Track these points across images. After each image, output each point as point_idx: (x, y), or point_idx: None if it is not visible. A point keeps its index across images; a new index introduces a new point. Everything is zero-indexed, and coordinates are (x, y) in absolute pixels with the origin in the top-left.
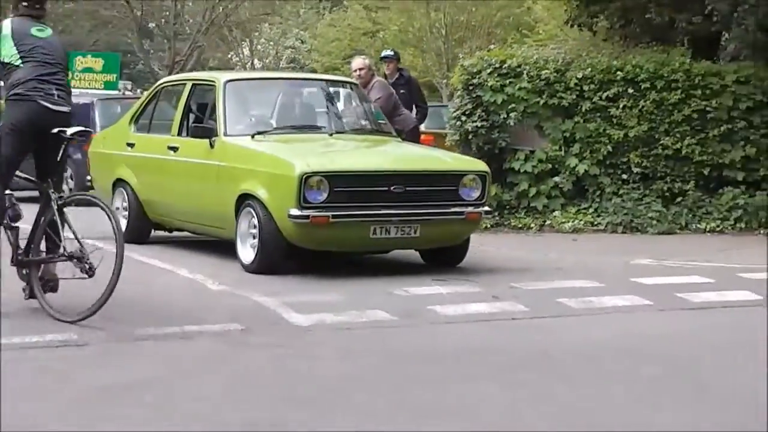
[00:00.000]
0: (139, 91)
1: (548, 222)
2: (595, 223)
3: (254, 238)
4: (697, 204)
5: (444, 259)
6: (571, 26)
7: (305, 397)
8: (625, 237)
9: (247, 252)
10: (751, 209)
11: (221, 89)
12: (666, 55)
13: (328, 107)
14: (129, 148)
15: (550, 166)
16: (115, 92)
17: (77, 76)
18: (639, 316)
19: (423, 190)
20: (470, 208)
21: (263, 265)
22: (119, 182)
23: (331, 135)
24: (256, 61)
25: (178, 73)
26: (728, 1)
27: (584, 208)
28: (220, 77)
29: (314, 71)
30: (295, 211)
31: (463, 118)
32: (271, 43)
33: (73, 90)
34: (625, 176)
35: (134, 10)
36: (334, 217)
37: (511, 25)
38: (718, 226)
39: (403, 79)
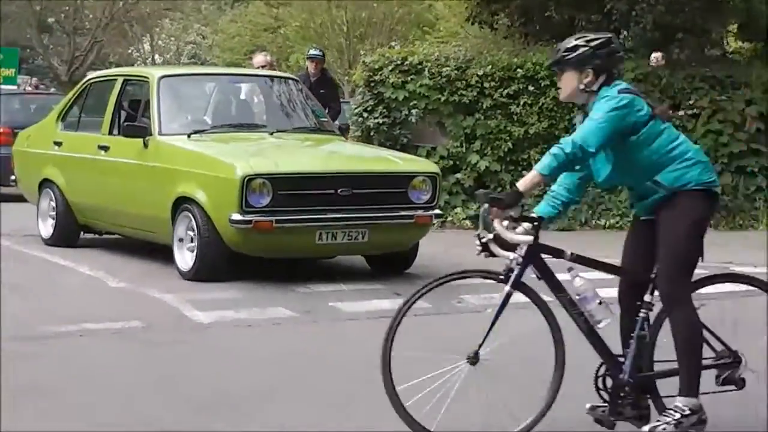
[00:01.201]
0: (43, 86)
1: (449, 218)
2: None
3: (192, 242)
4: (596, 201)
5: (392, 265)
6: (472, 24)
7: (205, 398)
8: None
9: (184, 258)
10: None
11: (155, 85)
12: None
13: (267, 104)
14: (56, 147)
15: (451, 162)
16: (14, 87)
17: None
18: None
19: (371, 192)
20: (420, 212)
21: (203, 273)
22: (46, 182)
23: (271, 134)
24: (156, 56)
25: (77, 68)
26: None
27: None
28: (154, 72)
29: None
30: (236, 216)
31: (365, 114)
32: (172, 38)
33: None
34: (525, 173)
35: (34, 5)
36: (278, 222)
37: (412, 22)
38: (617, 223)
39: (324, 78)
